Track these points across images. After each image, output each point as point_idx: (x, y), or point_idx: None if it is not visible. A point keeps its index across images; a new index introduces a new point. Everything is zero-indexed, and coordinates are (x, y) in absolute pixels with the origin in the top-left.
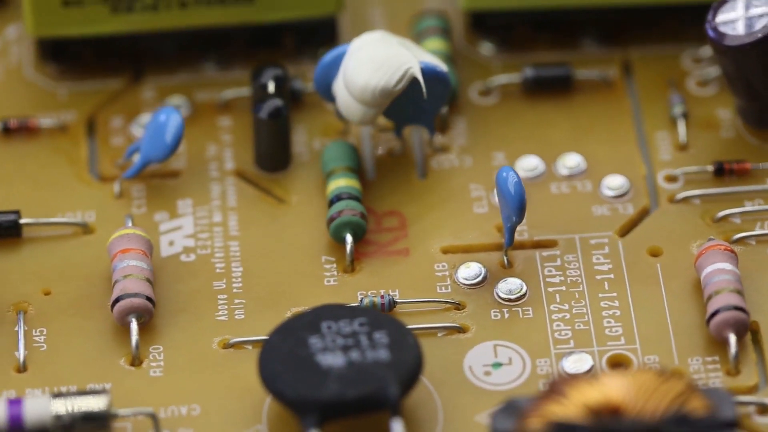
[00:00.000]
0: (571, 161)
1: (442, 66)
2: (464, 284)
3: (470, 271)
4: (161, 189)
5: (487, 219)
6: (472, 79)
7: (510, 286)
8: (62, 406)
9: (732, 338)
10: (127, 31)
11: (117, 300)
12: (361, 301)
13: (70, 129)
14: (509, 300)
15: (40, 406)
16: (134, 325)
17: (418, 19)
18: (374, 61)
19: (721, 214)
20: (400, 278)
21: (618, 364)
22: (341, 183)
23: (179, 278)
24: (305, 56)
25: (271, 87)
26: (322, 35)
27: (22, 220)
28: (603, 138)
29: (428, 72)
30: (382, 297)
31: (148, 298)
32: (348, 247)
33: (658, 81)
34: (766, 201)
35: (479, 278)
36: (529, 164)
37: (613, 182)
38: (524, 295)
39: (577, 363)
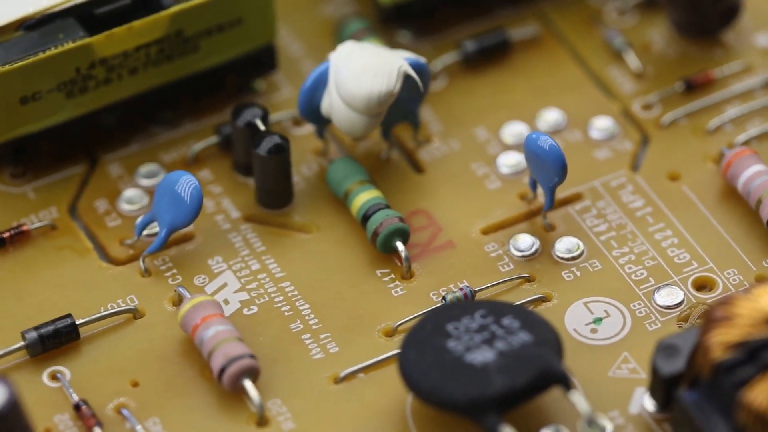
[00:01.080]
0: (550, 117)
1: (419, 58)
2: (522, 256)
3: (522, 242)
4: (184, 255)
5: (504, 192)
6: None
7: (566, 245)
8: None
9: None
10: (84, 112)
11: (224, 368)
12: (444, 299)
13: (59, 225)
14: (572, 258)
15: None
16: (251, 386)
17: (343, 25)
18: (368, 69)
19: (713, 125)
20: (460, 269)
21: (704, 286)
22: (365, 197)
23: (255, 331)
24: (244, 92)
25: (261, 124)
26: (262, 66)
27: (78, 321)
28: (564, 88)
29: (413, 66)
30: (462, 290)
31: (252, 356)
32: (403, 254)
33: (580, 23)
34: (742, 102)
35: (534, 247)
36: (514, 131)
37: (600, 124)
38: (582, 250)
39: (669, 296)
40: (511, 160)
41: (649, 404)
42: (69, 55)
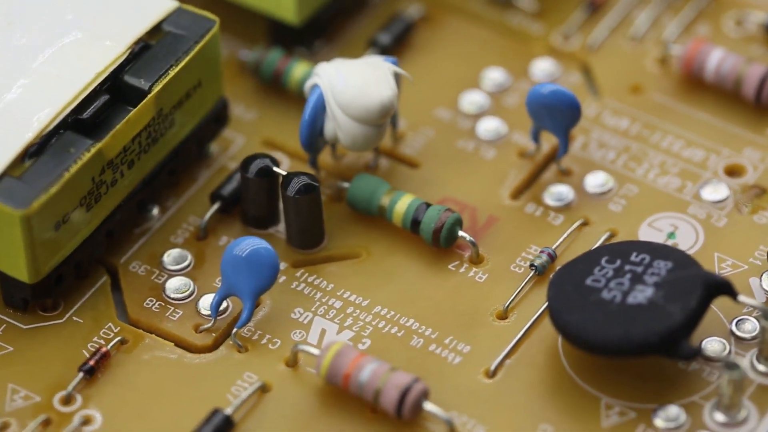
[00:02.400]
0: (493, 76)
1: (388, 57)
2: (564, 205)
3: (557, 192)
4: (265, 320)
5: (503, 156)
6: None
7: (595, 181)
8: None
9: None
10: (99, 222)
11: (403, 398)
12: (534, 267)
13: (127, 336)
14: (609, 190)
15: None
16: (433, 406)
17: (261, 62)
18: (369, 80)
19: (638, 32)
20: (519, 236)
21: (734, 171)
22: (405, 204)
23: (384, 360)
24: (203, 160)
25: (278, 169)
26: (219, 122)
27: (227, 411)
28: (483, 48)
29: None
30: (543, 253)
31: (418, 379)
32: (468, 239)
33: None
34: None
35: (570, 193)
36: (471, 99)
37: (541, 68)
38: (612, 180)
39: (715, 191)
40: (489, 126)
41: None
42: (86, 167)
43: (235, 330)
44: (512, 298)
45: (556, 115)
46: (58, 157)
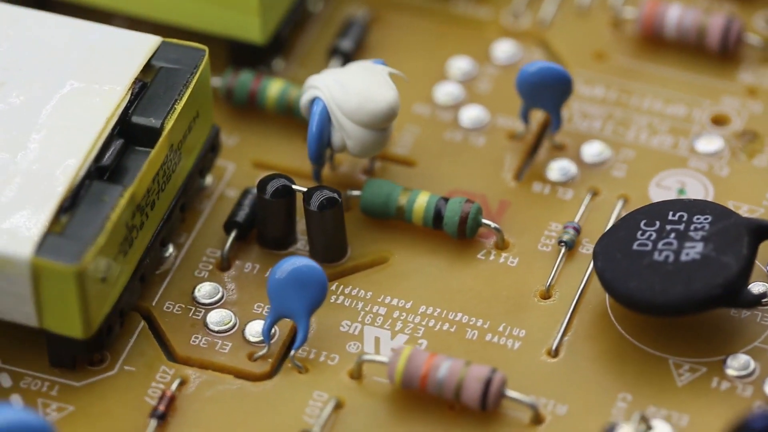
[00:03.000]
0: (459, 65)
1: (377, 60)
2: (570, 179)
3: (559, 168)
4: (313, 337)
5: (494, 142)
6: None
7: (591, 150)
8: None
9: None
10: (133, 267)
11: (487, 389)
12: (563, 243)
13: (184, 377)
14: (608, 158)
15: None
16: (516, 393)
17: (235, 82)
18: (371, 85)
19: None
20: (537, 216)
21: (720, 121)
22: (423, 201)
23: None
24: (201, 193)
25: (297, 186)
26: (213, 151)
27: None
28: (438, 39)
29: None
30: (573, 228)
31: (493, 369)
32: (492, 226)
33: None
34: None
35: (573, 169)
36: (445, 91)
37: (502, 50)
38: (608, 148)
39: (709, 143)
40: (470, 115)
41: None
42: (122, 213)
43: (293, 352)
44: (552, 276)
45: (548, 91)
46: (94, 208)
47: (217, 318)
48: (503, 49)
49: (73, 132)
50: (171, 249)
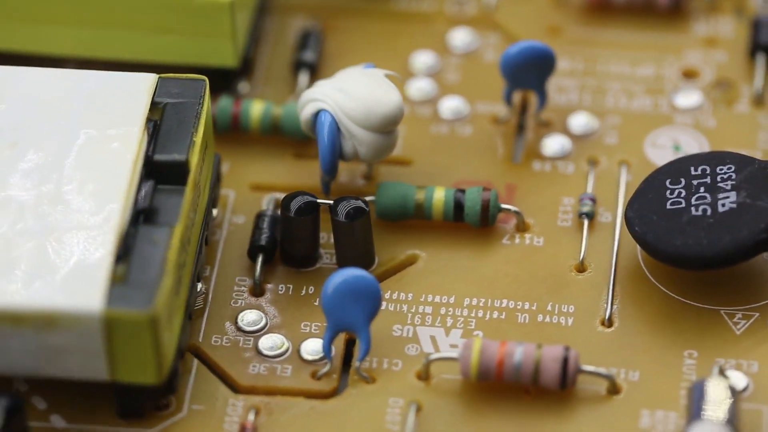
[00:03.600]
0: (423, 59)
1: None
2: (564, 152)
3: (553, 144)
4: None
5: (481, 129)
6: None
7: (580, 122)
8: None
9: None
10: (185, 301)
11: (565, 368)
12: (584, 215)
13: (258, 406)
14: (597, 128)
15: None
16: (591, 367)
17: (216, 108)
18: (374, 89)
19: None
20: (548, 194)
21: (690, 73)
22: (440, 196)
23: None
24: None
25: (320, 199)
26: (218, 183)
27: None
28: (394, 38)
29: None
30: (590, 199)
31: (566, 347)
32: (513, 209)
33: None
34: None
35: (567, 143)
36: (417, 87)
37: (459, 39)
38: (594, 119)
39: (686, 97)
40: (449, 106)
41: None
42: (174, 253)
43: (358, 364)
44: (583, 249)
45: (532, 70)
46: (148, 252)
47: (269, 343)
48: (460, 38)
49: (104, 179)
50: (200, 284)
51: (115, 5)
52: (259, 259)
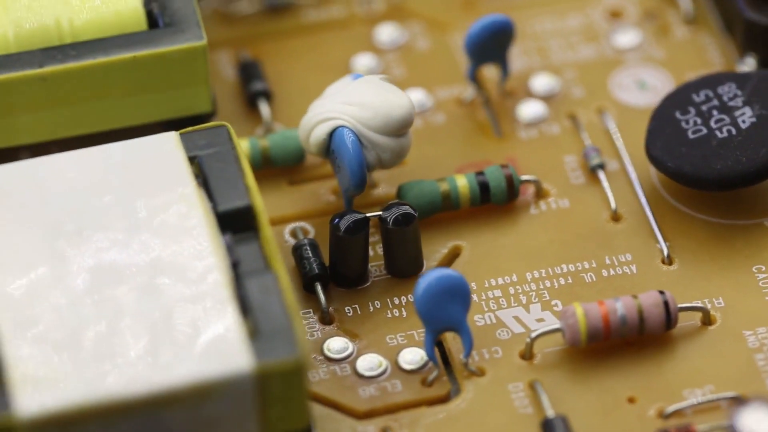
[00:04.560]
0: (365, 62)
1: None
2: (543, 116)
3: (530, 111)
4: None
5: (454, 114)
6: None
7: (542, 82)
8: None
9: None
10: None
11: (668, 311)
12: (596, 167)
13: (387, 428)
14: (559, 86)
15: None
16: (686, 303)
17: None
18: (384, 94)
19: None
20: (549, 158)
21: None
22: (463, 183)
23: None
24: None
25: (369, 213)
26: None
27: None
28: (329, 48)
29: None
30: (594, 151)
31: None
32: (532, 179)
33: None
34: None
35: (541, 106)
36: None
37: (386, 33)
38: (549, 78)
39: (627, 36)
40: (413, 99)
41: None
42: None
43: (466, 360)
44: (612, 199)
45: (495, 42)
46: (266, 300)
47: (367, 365)
48: (386, 34)
49: (188, 245)
50: None
51: (92, 78)
52: (318, 288)
